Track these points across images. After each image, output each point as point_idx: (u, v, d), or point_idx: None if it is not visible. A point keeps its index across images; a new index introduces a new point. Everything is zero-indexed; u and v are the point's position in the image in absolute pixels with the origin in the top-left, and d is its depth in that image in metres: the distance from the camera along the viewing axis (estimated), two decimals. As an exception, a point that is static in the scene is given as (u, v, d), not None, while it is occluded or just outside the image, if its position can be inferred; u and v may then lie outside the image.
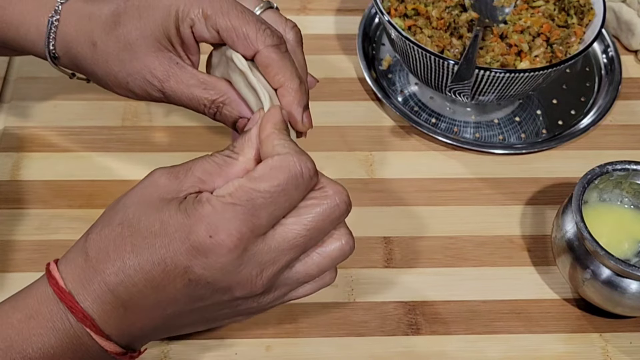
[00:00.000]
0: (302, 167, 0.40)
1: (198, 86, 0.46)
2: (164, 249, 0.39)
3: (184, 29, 0.46)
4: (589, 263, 0.54)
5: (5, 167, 0.63)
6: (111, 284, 0.40)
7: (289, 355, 0.54)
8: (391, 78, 0.73)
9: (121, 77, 0.47)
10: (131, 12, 0.46)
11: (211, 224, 0.39)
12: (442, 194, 0.64)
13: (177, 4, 0.46)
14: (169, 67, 0.46)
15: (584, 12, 0.66)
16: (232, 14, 0.45)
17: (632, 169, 0.57)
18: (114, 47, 0.47)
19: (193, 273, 0.39)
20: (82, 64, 0.49)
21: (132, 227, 0.40)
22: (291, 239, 0.40)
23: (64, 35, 0.49)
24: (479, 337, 0.56)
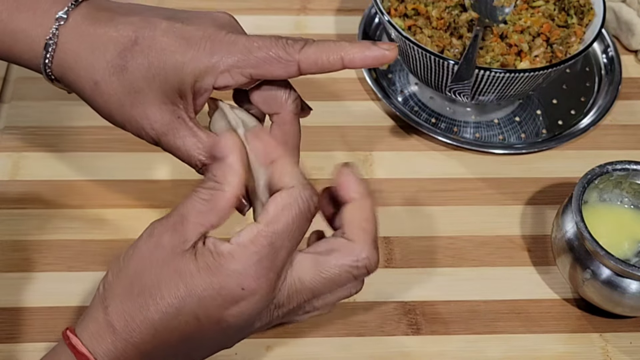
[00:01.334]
0: (308, 201, 0.41)
1: (195, 146, 0.45)
2: (195, 307, 0.39)
3: (204, 83, 0.45)
4: (589, 263, 0.54)
5: (5, 167, 0.63)
6: (147, 351, 0.40)
7: (289, 355, 0.54)
8: (391, 78, 0.73)
9: (118, 119, 0.46)
10: (140, 59, 0.44)
11: (240, 276, 0.39)
12: (442, 194, 0.64)
13: (194, 62, 0.44)
14: (170, 122, 0.45)
15: (584, 12, 0.66)
16: (262, 67, 0.44)
17: (632, 169, 0.57)
18: (116, 91, 0.45)
19: (226, 322, 0.40)
20: (79, 94, 0.47)
21: (154, 295, 0.40)
22: (307, 283, 0.41)
23: (62, 62, 0.46)
24: (479, 337, 0.56)
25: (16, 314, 0.55)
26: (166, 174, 0.64)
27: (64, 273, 0.57)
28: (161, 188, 0.63)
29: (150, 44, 0.44)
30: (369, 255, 0.42)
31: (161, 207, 0.62)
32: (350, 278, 0.42)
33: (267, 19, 0.77)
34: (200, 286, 0.39)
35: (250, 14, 0.77)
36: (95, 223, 0.60)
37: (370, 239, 0.43)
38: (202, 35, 0.44)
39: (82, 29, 0.46)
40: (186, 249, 0.40)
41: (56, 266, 0.58)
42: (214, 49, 0.44)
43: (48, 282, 0.57)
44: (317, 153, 0.66)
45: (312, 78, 0.72)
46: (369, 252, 0.42)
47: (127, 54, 0.44)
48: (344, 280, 0.42)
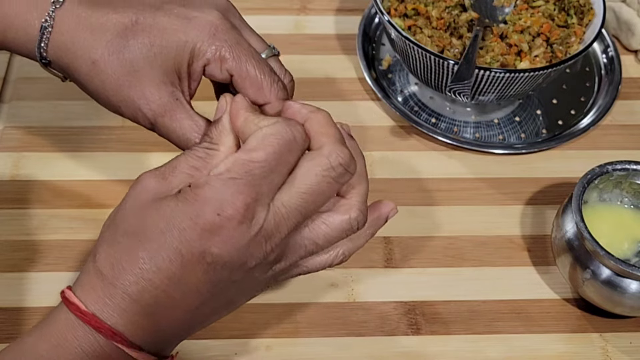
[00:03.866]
0: (293, 131, 0.40)
1: (191, 128, 0.45)
2: (175, 242, 0.39)
3: (197, 66, 0.45)
4: (589, 263, 0.54)
5: (5, 167, 0.63)
6: (134, 294, 0.40)
7: (289, 355, 0.54)
8: (391, 78, 0.73)
9: (114, 100, 0.46)
10: (141, 38, 0.44)
11: (216, 202, 0.39)
12: (442, 194, 0.64)
13: (195, 41, 0.44)
14: (168, 102, 0.45)
15: (583, 12, 0.66)
16: (250, 63, 0.45)
17: (632, 169, 0.57)
18: (115, 70, 0.45)
19: (210, 255, 0.39)
20: (74, 76, 0.47)
21: (138, 234, 0.40)
22: (290, 204, 0.40)
23: (58, 43, 0.46)
24: (478, 337, 0.56)
25: (16, 314, 0.55)
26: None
27: (64, 273, 0.57)
28: (161, 188, 0.63)
29: (152, 23, 0.44)
30: (337, 151, 0.41)
31: (161, 207, 0.62)
32: (331, 183, 0.41)
33: (267, 19, 0.77)
34: (178, 217, 0.39)
35: (250, 14, 0.77)
36: (95, 223, 0.60)
37: (333, 139, 0.41)
38: (207, 20, 0.45)
39: (80, 12, 0.45)
40: (170, 194, 0.40)
41: (56, 266, 0.58)
42: (217, 35, 0.45)
43: (48, 282, 0.57)
44: (317, 153, 0.66)
45: (311, 78, 0.73)
46: (337, 149, 0.41)
47: (128, 33, 0.44)
48: (325, 188, 0.41)
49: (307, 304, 0.57)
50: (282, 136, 0.40)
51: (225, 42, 0.45)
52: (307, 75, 0.72)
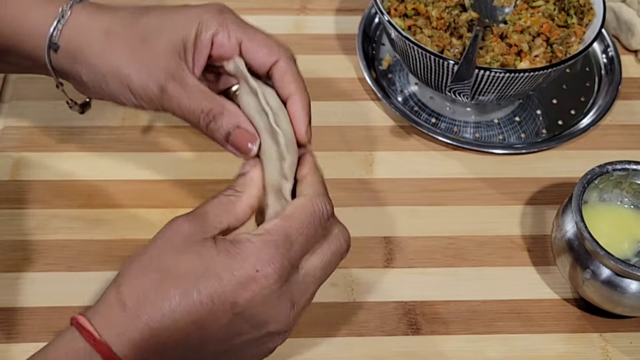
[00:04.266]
0: (322, 206, 0.44)
1: (199, 93, 0.47)
2: (210, 288, 0.40)
3: (205, 36, 0.47)
4: (589, 263, 0.54)
5: (5, 167, 0.63)
6: (155, 329, 0.40)
7: (289, 355, 0.54)
8: (391, 78, 0.73)
9: (124, 70, 0.47)
10: (153, 14, 0.48)
11: (256, 259, 0.41)
12: (442, 194, 0.64)
13: (203, 15, 0.48)
14: (176, 70, 0.47)
15: (583, 12, 0.66)
16: (254, 29, 0.49)
17: (631, 169, 0.57)
18: (128, 37, 0.47)
19: (238, 307, 0.41)
20: (84, 55, 0.48)
21: (171, 272, 0.41)
22: (314, 273, 0.44)
23: (73, 27, 0.48)
24: (478, 337, 0.56)
25: (16, 314, 0.55)
26: (166, 174, 0.64)
27: (64, 273, 0.57)
28: (161, 188, 0.63)
29: (159, 9, 0.49)
30: (346, 237, 0.46)
31: (161, 207, 0.62)
32: (339, 261, 0.46)
33: (267, 18, 0.77)
34: (218, 266, 0.41)
35: (250, 14, 0.77)
36: (95, 223, 0.60)
37: (312, 186, 0.46)
38: (213, 4, 0.49)
39: (94, 9, 0.49)
40: (205, 237, 0.42)
41: (56, 266, 0.58)
42: (223, 12, 0.48)
43: (48, 282, 0.57)
44: (317, 153, 0.66)
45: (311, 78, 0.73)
46: (346, 234, 0.46)
47: (139, 13, 0.48)
48: (335, 265, 0.45)
49: (307, 304, 0.57)
50: (314, 208, 0.44)
51: (230, 18, 0.48)
52: (307, 75, 0.71)
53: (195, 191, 0.63)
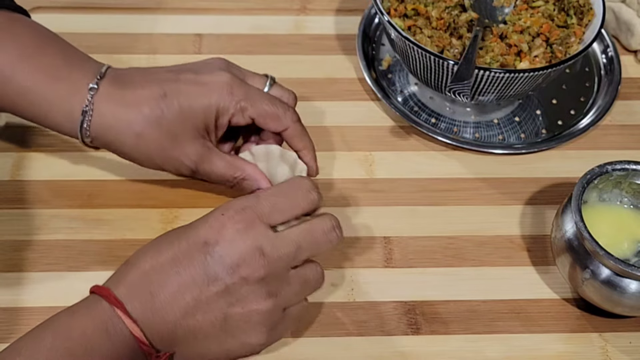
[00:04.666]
0: (303, 181, 0.51)
1: (225, 167, 0.56)
2: (188, 234, 0.48)
3: (224, 120, 0.55)
4: (589, 263, 0.54)
5: (5, 167, 0.63)
6: (145, 271, 0.47)
7: (289, 355, 0.54)
8: (391, 78, 0.73)
9: (158, 161, 0.55)
10: (173, 111, 0.54)
11: (224, 207, 0.49)
12: (442, 194, 0.64)
13: (218, 102, 0.54)
14: (203, 152, 0.55)
15: (583, 12, 0.66)
16: (264, 103, 0.56)
17: (631, 169, 0.57)
18: (157, 138, 0.54)
19: (209, 245, 0.47)
20: (119, 148, 0.55)
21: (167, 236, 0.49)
22: (290, 234, 0.49)
23: (100, 124, 0.54)
24: (478, 336, 0.56)
25: (16, 314, 0.55)
26: (166, 174, 0.64)
27: (64, 273, 0.58)
28: (161, 188, 0.63)
29: (177, 93, 0.54)
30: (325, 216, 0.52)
31: (161, 207, 0.62)
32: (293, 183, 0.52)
33: (267, 19, 0.77)
34: (198, 221, 0.49)
35: (250, 14, 0.77)
36: (95, 223, 0.60)
37: None
38: (221, 82, 0.55)
39: (114, 93, 0.54)
40: None
41: (56, 266, 0.58)
42: (234, 92, 0.55)
43: (48, 282, 0.57)
44: (317, 153, 0.66)
45: (311, 78, 0.73)
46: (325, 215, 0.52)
47: (161, 104, 0.53)
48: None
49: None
50: (292, 181, 0.52)
51: (241, 94, 0.55)
52: (307, 75, 0.72)
53: (196, 191, 0.63)
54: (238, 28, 0.76)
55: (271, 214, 0.49)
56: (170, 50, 0.73)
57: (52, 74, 0.54)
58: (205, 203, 0.62)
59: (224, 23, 0.76)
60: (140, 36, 0.74)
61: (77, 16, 0.76)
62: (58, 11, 0.76)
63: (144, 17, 0.76)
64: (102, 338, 0.45)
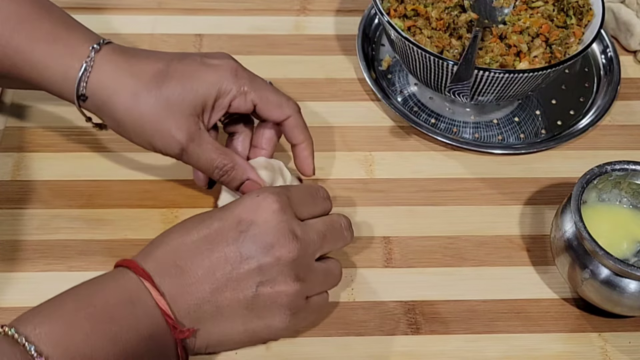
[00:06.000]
0: (317, 186, 0.54)
1: (215, 151, 0.55)
2: (222, 214, 0.49)
3: (223, 101, 0.54)
4: (588, 263, 0.54)
5: (6, 167, 0.63)
6: (174, 247, 0.48)
7: (289, 354, 0.54)
8: (391, 78, 0.73)
9: (149, 130, 0.53)
10: (175, 78, 0.53)
11: (258, 192, 0.50)
12: (442, 194, 0.64)
13: (221, 81, 0.54)
14: (195, 130, 0.54)
15: (582, 13, 0.67)
16: (267, 90, 0.56)
17: (630, 169, 0.57)
18: (154, 104, 0.53)
19: (243, 224, 0.48)
20: (111, 110, 0.53)
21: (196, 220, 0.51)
22: (316, 224, 0.51)
23: (99, 81, 0.53)
24: (478, 336, 0.56)
25: (16, 314, 0.55)
26: (166, 174, 0.64)
27: (64, 273, 0.58)
28: (161, 188, 0.63)
29: (180, 70, 0.54)
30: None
31: (161, 207, 0.62)
32: (310, 187, 0.54)
33: (267, 19, 0.77)
34: (231, 204, 0.51)
35: (249, 14, 0.77)
36: (95, 223, 0.61)
37: None
38: (228, 65, 0.55)
39: (116, 58, 0.53)
40: None
41: (57, 266, 0.58)
42: (239, 75, 0.55)
43: (48, 282, 0.57)
44: (317, 153, 0.66)
45: (311, 78, 0.73)
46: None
47: (163, 76, 0.53)
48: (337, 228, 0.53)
49: (307, 304, 0.57)
50: (309, 186, 0.55)
51: (245, 79, 0.55)
52: (307, 76, 0.72)
53: (196, 191, 0.63)
54: (238, 28, 0.76)
55: (299, 206, 0.50)
56: (170, 50, 0.73)
57: (52, 35, 0.54)
58: (205, 203, 0.62)
59: (224, 23, 0.76)
60: (140, 36, 0.74)
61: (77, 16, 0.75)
62: (58, 11, 0.76)
63: (144, 17, 0.76)
64: (125, 308, 0.45)
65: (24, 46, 0.53)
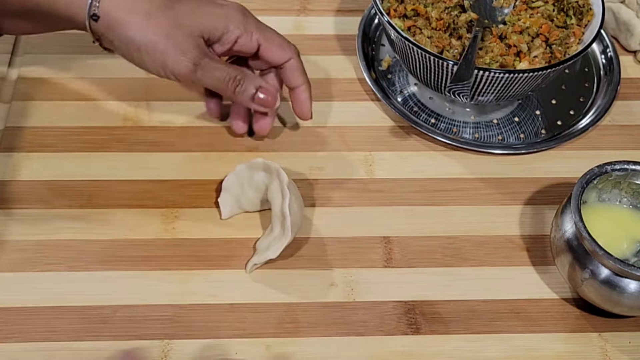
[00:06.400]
0: None
1: (226, 64, 0.57)
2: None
3: (230, 36, 0.57)
4: (588, 263, 0.54)
5: (6, 167, 0.63)
6: None
7: (289, 355, 0.54)
8: (391, 78, 0.73)
9: (161, 45, 0.55)
10: (187, 4, 0.56)
11: None
12: (442, 194, 0.64)
13: (230, 17, 0.57)
14: (206, 50, 0.57)
15: (582, 13, 0.67)
16: (271, 32, 0.59)
17: (630, 169, 0.57)
18: (165, 20, 0.55)
19: None
20: (124, 29, 0.54)
21: None
22: None
23: (111, 1, 0.54)
24: (478, 336, 0.56)
25: (16, 314, 0.55)
26: (166, 174, 0.64)
27: (64, 273, 0.58)
28: (161, 188, 0.63)
29: (191, 1, 0.56)
30: None
31: (161, 207, 0.62)
32: None
33: (267, 19, 0.76)
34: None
35: (250, 14, 0.77)
36: (95, 223, 0.61)
37: None
38: (237, 5, 0.58)
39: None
40: None
41: (56, 266, 0.58)
42: (246, 15, 0.58)
43: (48, 282, 0.57)
44: (317, 153, 0.66)
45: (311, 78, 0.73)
46: None
47: (174, 1, 0.56)
48: None
49: (307, 304, 0.57)
50: None
51: (252, 20, 0.58)
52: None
53: (196, 191, 0.63)
54: (238, 28, 0.76)
55: None
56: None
57: None
58: (205, 203, 0.62)
59: (224, 23, 0.76)
60: (140, 36, 0.74)
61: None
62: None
63: (144, 18, 0.76)
64: None
65: None
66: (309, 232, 0.61)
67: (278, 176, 0.57)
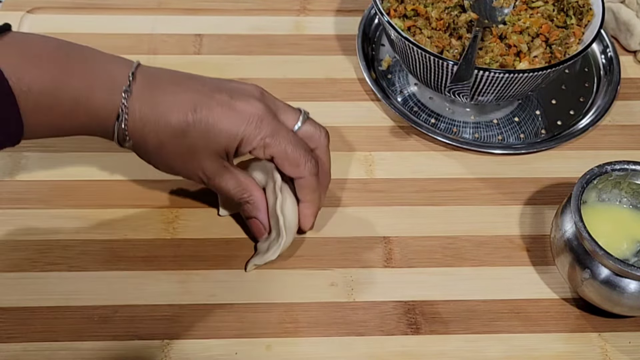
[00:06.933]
0: None
1: (235, 186, 0.56)
2: None
3: (244, 149, 0.55)
4: (588, 263, 0.54)
5: (5, 167, 0.63)
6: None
7: (289, 354, 0.54)
8: (391, 78, 0.73)
9: (176, 168, 0.56)
10: (199, 129, 0.54)
11: None
12: (442, 194, 0.64)
13: (243, 133, 0.54)
14: (218, 169, 0.55)
15: (582, 13, 0.67)
16: (288, 146, 0.55)
17: (630, 169, 0.57)
18: (179, 149, 0.54)
19: None
20: (144, 150, 0.55)
21: None
22: None
23: (132, 129, 0.54)
24: (478, 336, 0.56)
25: (16, 314, 0.55)
26: (166, 174, 0.64)
27: (64, 273, 0.58)
28: (161, 188, 0.63)
29: (208, 111, 0.54)
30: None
31: (161, 207, 0.62)
32: None
33: (267, 19, 0.77)
34: None
35: (249, 14, 0.77)
36: (95, 223, 0.61)
37: None
38: (252, 112, 0.55)
39: (145, 97, 0.54)
40: None
41: (56, 266, 0.58)
42: (261, 126, 0.55)
43: (48, 282, 0.57)
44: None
45: (311, 78, 0.73)
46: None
47: (189, 117, 0.53)
48: None
49: (307, 304, 0.57)
50: None
51: (268, 131, 0.55)
52: (307, 76, 0.72)
53: (196, 191, 0.63)
54: (238, 28, 0.76)
55: None
56: (170, 50, 0.73)
57: (90, 82, 0.53)
58: (205, 203, 0.62)
59: (224, 23, 0.76)
60: (140, 36, 0.74)
61: (77, 16, 0.76)
62: (58, 11, 0.76)
63: (144, 18, 0.76)
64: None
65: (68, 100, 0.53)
66: (309, 232, 0.61)
67: (272, 176, 0.57)
